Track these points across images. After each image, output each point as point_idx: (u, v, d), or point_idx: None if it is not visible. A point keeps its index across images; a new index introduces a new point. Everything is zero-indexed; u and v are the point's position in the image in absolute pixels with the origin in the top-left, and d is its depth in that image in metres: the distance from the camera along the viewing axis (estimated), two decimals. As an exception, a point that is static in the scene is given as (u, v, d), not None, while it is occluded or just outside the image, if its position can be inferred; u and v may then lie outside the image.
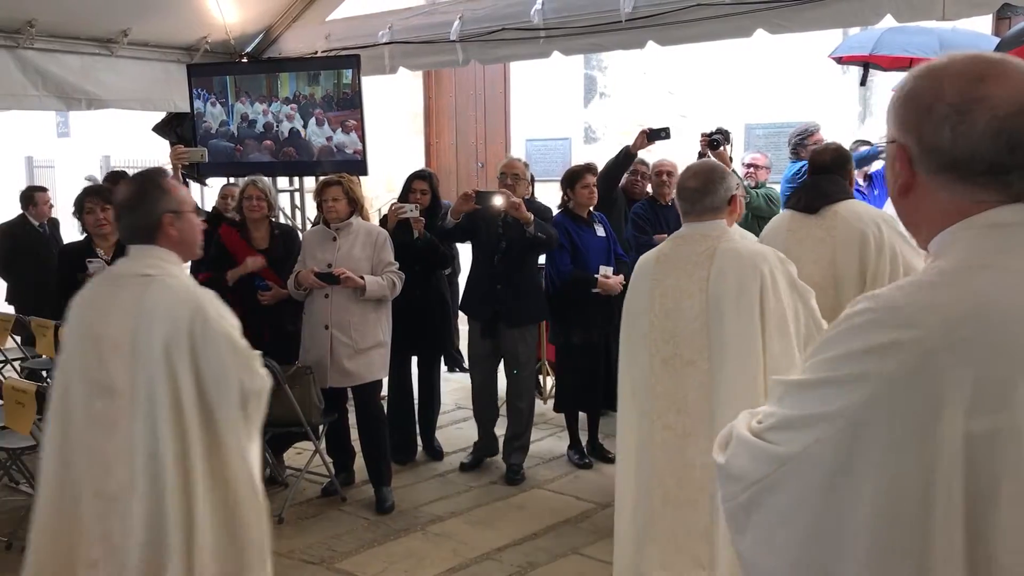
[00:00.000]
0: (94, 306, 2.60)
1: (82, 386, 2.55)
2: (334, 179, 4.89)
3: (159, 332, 2.46)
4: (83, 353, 2.56)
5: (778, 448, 1.14)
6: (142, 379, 2.46)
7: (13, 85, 6.39)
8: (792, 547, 1.13)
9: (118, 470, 2.48)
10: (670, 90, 10.68)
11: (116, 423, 2.49)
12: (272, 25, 7.42)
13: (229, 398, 2.51)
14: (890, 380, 1.04)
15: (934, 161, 1.13)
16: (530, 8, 5.83)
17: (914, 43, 6.07)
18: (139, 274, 2.55)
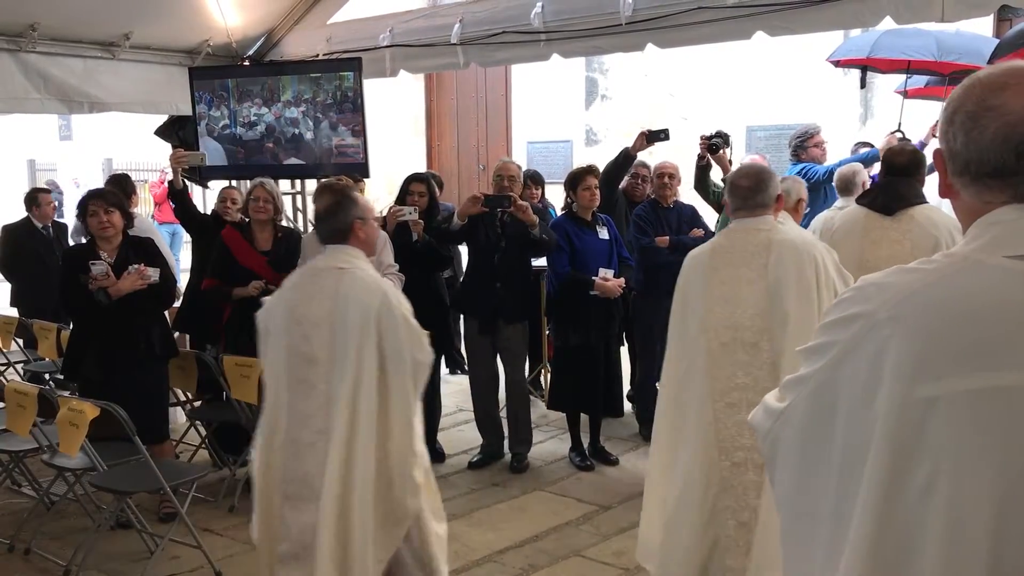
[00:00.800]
0: (297, 292, 3.19)
1: (288, 357, 3.14)
2: (333, 181, 4.91)
3: (353, 314, 3.06)
4: (289, 331, 3.15)
5: (777, 404, 1.32)
6: (339, 351, 3.05)
7: (15, 88, 6.41)
8: (789, 492, 1.29)
9: (314, 422, 3.06)
10: (671, 92, 10.70)
11: (315, 386, 3.08)
12: (274, 28, 7.44)
13: (403, 368, 3.09)
14: (844, 348, 1.19)
15: (953, 164, 1.23)
16: (530, 11, 5.84)
17: (912, 46, 6.08)
18: (335, 267, 3.14)
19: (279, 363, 3.18)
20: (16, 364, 6.44)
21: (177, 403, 5.57)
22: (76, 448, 3.88)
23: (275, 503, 3.17)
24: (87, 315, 4.58)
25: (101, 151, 18.65)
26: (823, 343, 1.23)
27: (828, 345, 1.21)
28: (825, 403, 1.21)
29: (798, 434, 1.26)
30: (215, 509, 4.90)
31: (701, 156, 6.03)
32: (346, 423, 3.03)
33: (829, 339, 1.22)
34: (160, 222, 12.02)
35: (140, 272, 4.50)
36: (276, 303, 3.22)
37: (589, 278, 5.21)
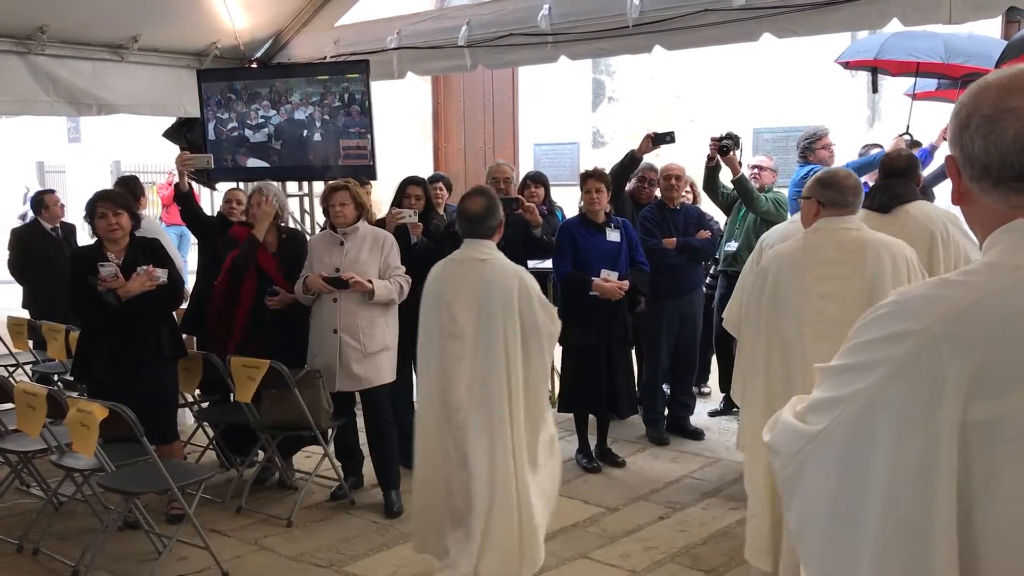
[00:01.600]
0: (444, 280, 3.75)
1: (438, 334, 3.71)
2: (341, 184, 4.91)
3: (497, 296, 3.61)
4: (439, 312, 3.71)
5: (808, 427, 1.26)
6: (484, 328, 3.61)
7: (25, 91, 6.44)
8: (819, 520, 1.23)
9: (460, 388, 3.64)
10: (678, 94, 10.69)
11: (462, 358, 3.65)
12: (281, 31, 7.46)
13: (540, 339, 3.66)
14: (898, 366, 1.13)
15: (972, 169, 1.21)
16: (537, 13, 5.85)
17: (919, 48, 6.06)
18: (476, 258, 3.70)
19: (432, 341, 3.75)
20: (25, 365, 6.47)
21: (186, 404, 5.59)
22: (91, 448, 3.89)
23: (436, 463, 3.73)
24: (96, 316, 4.59)
25: (109, 153, 18.71)
26: (865, 361, 1.18)
27: (873, 363, 1.16)
28: (873, 423, 1.15)
29: (839, 455, 1.19)
30: (222, 510, 4.92)
31: (711, 157, 6.02)
32: (497, 388, 3.58)
33: (874, 357, 1.16)
34: (168, 224, 12.06)
35: (149, 273, 4.51)
36: (428, 289, 3.80)
37: (588, 278, 5.21)
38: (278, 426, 4.89)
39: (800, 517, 1.28)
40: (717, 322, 6.50)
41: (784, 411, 1.36)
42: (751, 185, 6.02)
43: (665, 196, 6.02)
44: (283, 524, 4.72)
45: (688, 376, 6.27)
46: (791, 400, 1.39)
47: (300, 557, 4.35)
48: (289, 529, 4.67)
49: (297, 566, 4.27)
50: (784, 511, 1.34)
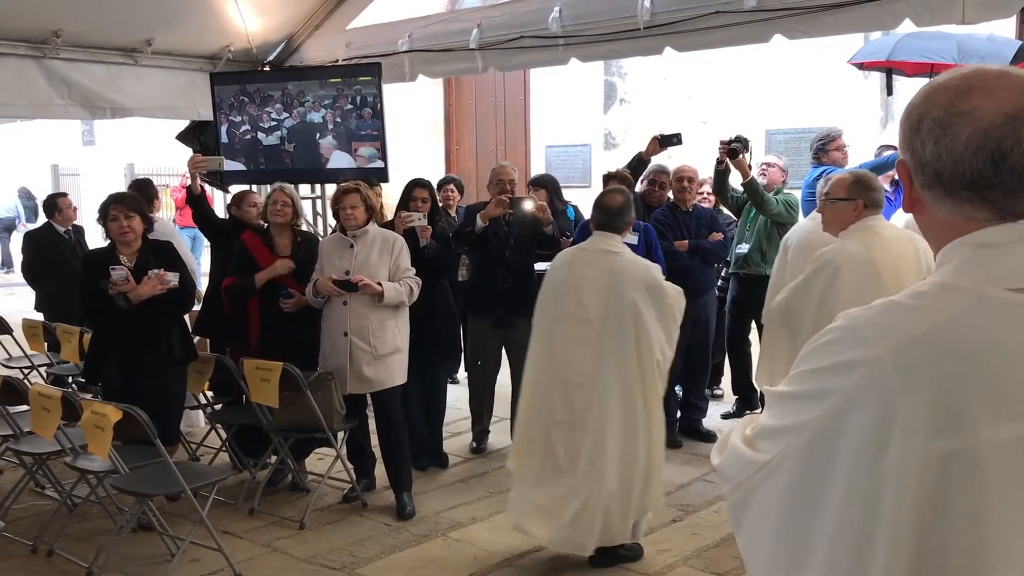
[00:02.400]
0: (574, 267, 4.07)
1: (563, 317, 4.02)
2: (351, 187, 4.92)
3: (627, 284, 3.92)
4: (566, 296, 4.03)
5: (757, 454, 1.20)
6: (612, 313, 3.92)
7: (39, 94, 6.49)
8: (766, 547, 1.18)
9: (584, 365, 3.95)
10: (690, 96, 10.67)
11: (587, 339, 3.95)
12: (294, 34, 7.48)
13: (668, 323, 3.98)
14: (847, 397, 1.07)
15: (923, 176, 1.14)
16: (548, 15, 5.84)
17: (932, 48, 6.03)
18: (607, 250, 4.01)
19: (552, 321, 4.08)
20: (40, 367, 6.51)
21: (197, 406, 5.61)
22: (105, 450, 3.92)
23: (539, 428, 4.08)
24: (107, 319, 4.62)
25: (123, 156, 18.80)
26: (815, 390, 1.12)
27: (823, 392, 1.10)
28: (822, 455, 1.10)
29: (787, 486, 1.14)
30: (235, 512, 4.93)
31: (720, 160, 6.01)
32: (623, 368, 3.92)
33: (822, 386, 1.11)
34: (181, 226, 12.10)
35: (160, 277, 4.53)
36: (554, 275, 4.13)
37: None
38: (291, 428, 4.91)
39: (749, 545, 1.23)
40: (729, 324, 6.50)
41: (733, 434, 1.30)
42: (761, 188, 6.01)
43: (677, 198, 6.01)
44: (296, 526, 4.73)
45: (701, 379, 6.26)
46: (741, 421, 1.35)
47: (312, 559, 4.36)
48: (302, 531, 4.68)
49: (310, 568, 4.28)
50: (735, 533, 1.30)
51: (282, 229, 5.15)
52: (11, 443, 4.72)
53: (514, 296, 5.53)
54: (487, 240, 5.53)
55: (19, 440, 4.66)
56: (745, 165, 5.92)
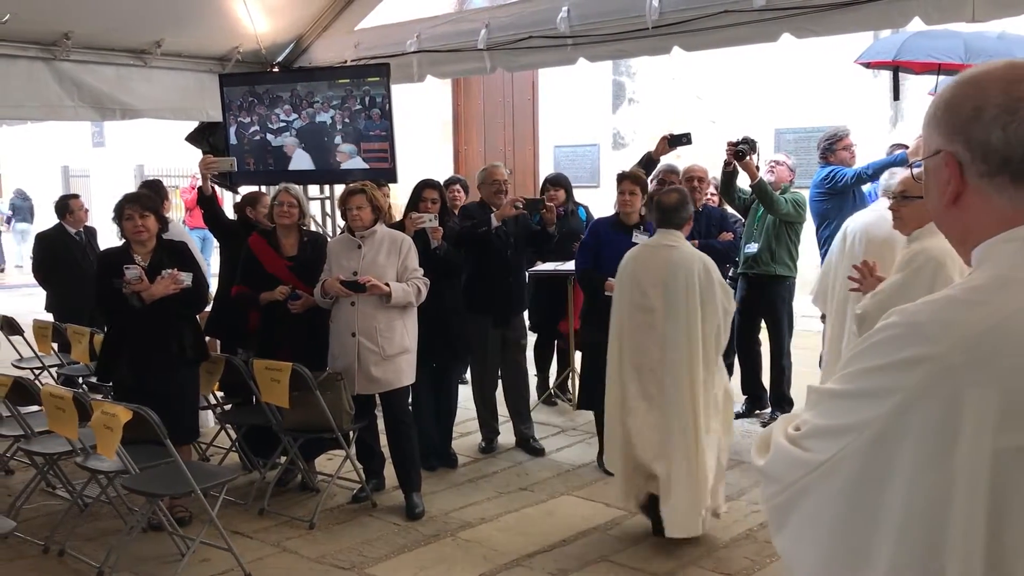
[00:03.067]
0: (638, 262, 4.42)
1: (630, 307, 4.41)
2: (358, 187, 4.93)
3: (682, 276, 4.25)
4: (631, 289, 4.39)
5: (809, 454, 1.18)
6: (671, 303, 4.27)
7: (50, 96, 6.52)
8: (820, 550, 1.16)
9: (652, 353, 4.33)
10: (699, 95, 10.66)
11: (653, 327, 4.32)
12: (302, 35, 7.50)
13: (716, 315, 4.29)
14: (912, 395, 1.06)
15: (986, 163, 1.14)
16: (556, 15, 5.84)
17: (939, 47, 6.00)
18: (666, 245, 4.35)
19: (623, 312, 4.43)
20: (50, 368, 6.54)
21: (207, 406, 5.63)
22: (113, 450, 3.93)
23: (620, 415, 4.44)
24: (120, 318, 4.64)
25: (133, 157, 18.87)
26: (875, 387, 1.10)
27: (884, 390, 1.09)
28: (886, 454, 1.08)
29: (846, 486, 1.12)
30: (245, 512, 4.95)
31: (728, 162, 6.00)
32: (683, 352, 4.25)
33: (884, 384, 1.09)
34: (191, 227, 12.14)
35: (173, 276, 4.55)
36: (623, 268, 4.47)
37: (603, 276, 5.20)
38: (300, 428, 4.92)
39: (795, 546, 1.22)
40: (739, 324, 6.48)
41: (775, 433, 1.29)
42: (770, 188, 6.00)
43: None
44: (305, 526, 4.74)
45: (710, 378, 6.25)
46: (779, 420, 1.34)
47: (322, 559, 4.37)
48: (311, 531, 4.69)
49: (319, 568, 4.29)
50: (772, 534, 1.29)
51: (288, 230, 5.16)
52: (23, 443, 4.75)
53: (514, 294, 5.76)
54: (489, 240, 5.56)
55: (30, 440, 4.68)
56: (753, 167, 5.90)
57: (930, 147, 1.21)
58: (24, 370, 6.26)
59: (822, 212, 6.15)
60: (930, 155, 1.21)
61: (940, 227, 1.26)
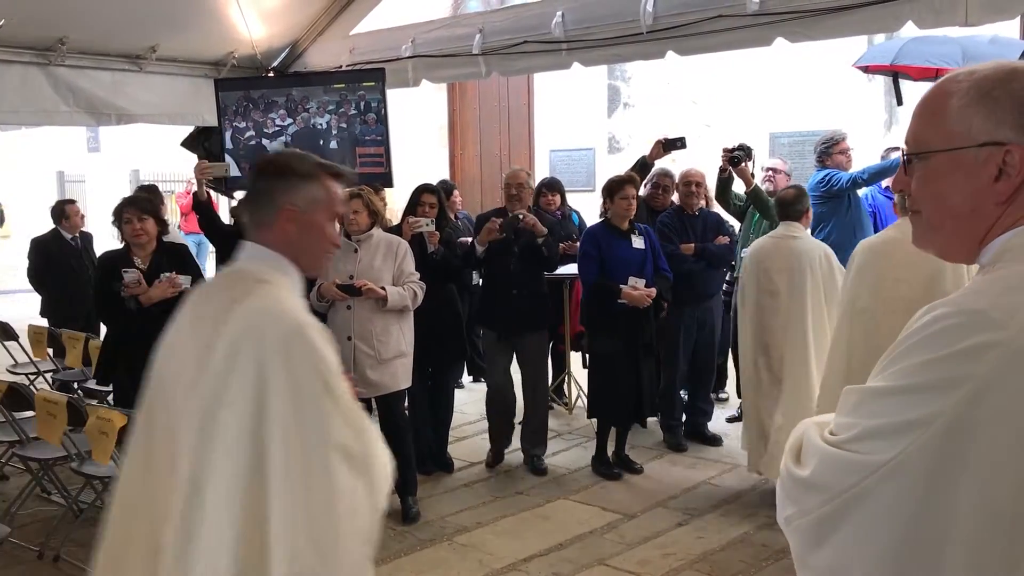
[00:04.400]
0: (763, 251, 4.97)
1: (757, 292, 4.95)
2: (354, 191, 4.93)
3: (805, 263, 4.78)
4: (758, 275, 4.94)
5: (866, 457, 1.12)
6: (795, 287, 4.80)
7: (45, 101, 6.51)
8: (887, 554, 1.11)
9: (776, 332, 4.89)
10: (694, 100, 10.67)
11: (778, 310, 4.87)
12: (298, 40, 7.50)
13: (835, 295, 4.58)
14: (984, 382, 1.04)
15: None
16: (551, 20, 5.85)
17: (936, 53, 6.02)
18: (789, 236, 4.89)
19: (749, 298, 5.01)
20: (45, 373, 6.53)
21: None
22: (108, 456, 3.92)
23: (752, 391, 5.01)
24: (119, 322, 4.64)
25: (129, 162, 18.85)
26: (939, 379, 1.07)
27: (950, 381, 1.06)
28: (959, 445, 1.04)
29: (917, 485, 1.07)
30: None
31: (723, 169, 6.02)
32: (803, 330, 4.77)
33: (949, 374, 1.06)
34: (186, 232, 12.13)
35: (171, 280, 4.55)
36: (749, 258, 5.04)
37: (617, 286, 5.20)
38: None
39: (849, 557, 1.14)
40: (734, 328, 6.49)
41: (811, 437, 1.23)
42: (765, 195, 6.00)
43: (683, 202, 6.01)
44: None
45: (706, 382, 6.25)
46: (808, 426, 1.28)
47: (318, 564, 4.36)
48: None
49: (315, 573, 4.28)
50: (804, 552, 1.21)
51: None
52: (17, 449, 4.74)
53: (522, 309, 5.46)
54: (491, 255, 5.45)
55: (25, 446, 4.67)
56: (748, 173, 5.92)
57: (969, 137, 1.17)
58: (19, 375, 6.24)
59: (818, 215, 6.14)
60: (963, 147, 1.18)
61: (959, 223, 1.22)
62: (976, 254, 1.21)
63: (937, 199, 1.23)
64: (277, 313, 1.92)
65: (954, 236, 1.24)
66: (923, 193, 1.25)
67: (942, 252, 1.29)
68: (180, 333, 2.14)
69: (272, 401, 1.83)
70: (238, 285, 2.01)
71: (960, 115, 1.18)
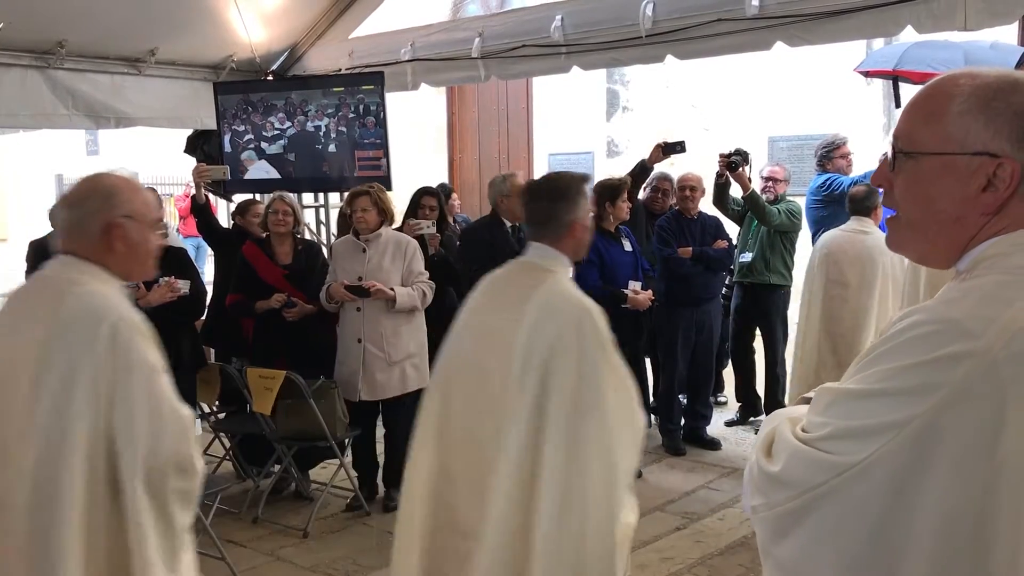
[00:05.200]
0: (835, 244, 5.20)
1: (825, 282, 5.21)
2: (363, 189, 4.93)
3: (876, 256, 5.04)
4: (828, 267, 5.18)
5: (836, 457, 1.14)
6: (866, 279, 5.06)
7: (44, 104, 6.50)
8: (849, 551, 1.13)
9: (845, 321, 5.12)
10: (693, 103, 10.69)
11: (847, 300, 5.12)
12: (297, 43, 7.50)
13: (899, 288, 4.80)
14: (957, 390, 1.05)
15: None
16: (550, 24, 5.85)
17: (938, 58, 6.02)
18: (861, 231, 5.15)
19: (817, 289, 5.25)
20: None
21: (201, 415, 5.61)
22: None
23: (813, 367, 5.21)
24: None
25: (127, 166, 18.85)
26: (914, 385, 1.09)
27: (925, 387, 1.07)
28: (927, 450, 1.07)
29: (883, 487, 1.10)
30: (239, 521, 4.93)
31: (720, 174, 6.02)
32: (872, 321, 5.01)
33: (925, 380, 1.08)
34: (185, 235, 12.14)
35: (170, 284, 4.55)
36: (817, 251, 5.31)
37: (622, 292, 5.19)
38: (294, 436, 4.91)
39: (809, 553, 1.18)
40: (734, 332, 6.50)
41: (783, 434, 1.25)
42: (762, 200, 6.01)
43: (681, 206, 6.01)
44: (299, 535, 4.73)
45: (705, 386, 6.25)
46: (780, 421, 1.30)
47: (316, 568, 4.36)
48: (305, 540, 4.68)
49: (313, 577, 4.28)
50: (767, 542, 1.25)
51: (283, 238, 5.16)
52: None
53: None
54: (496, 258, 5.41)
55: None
56: (745, 178, 5.92)
57: (964, 144, 1.17)
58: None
59: (818, 219, 6.16)
60: (956, 152, 1.17)
61: (942, 228, 1.21)
62: (955, 261, 1.21)
63: (923, 202, 1.22)
64: (567, 297, 2.64)
65: (935, 241, 1.23)
66: (909, 194, 1.24)
67: (921, 257, 1.29)
68: (480, 314, 2.74)
69: (561, 363, 2.48)
70: (532, 274, 2.69)
71: (959, 120, 1.17)
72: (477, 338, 2.70)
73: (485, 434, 2.56)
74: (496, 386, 2.53)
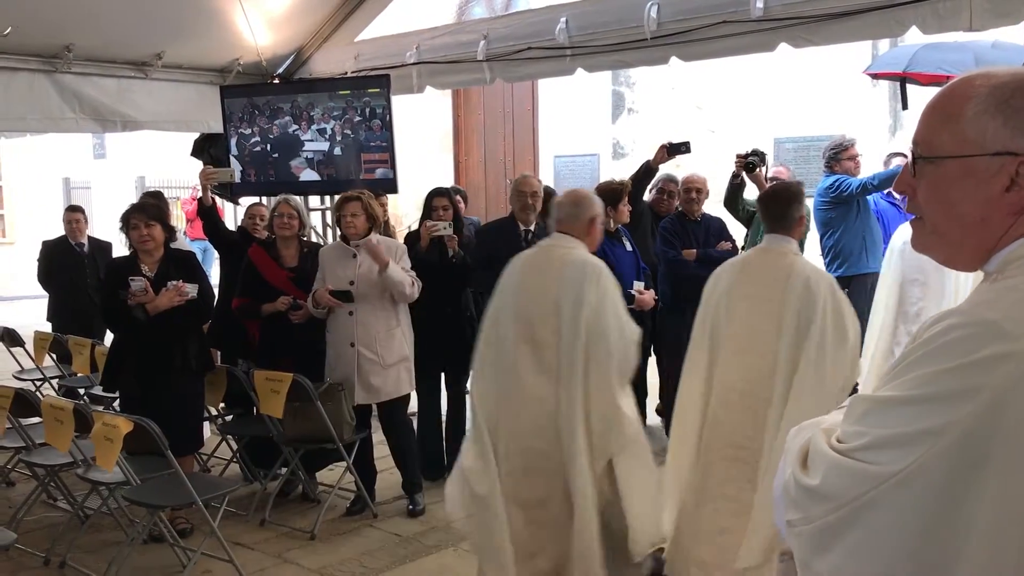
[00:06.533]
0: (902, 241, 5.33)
1: (902, 276, 5.28)
2: (353, 195, 4.94)
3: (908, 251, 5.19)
4: (904, 263, 5.24)
5: (876, 467, 1.11)
6: (944, 278, 5.02)
7: (51, 108, 6.54)
8: (896, 562, 1.10)
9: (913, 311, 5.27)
10: (698, 105, 10.68)
11: (923, 297, 5.19)
12: (303, 46, 7.52)
13: None
14: (1000, 392, 1.03)
15: None
16: (555, 26, 5.86)
17: (948, 60, 6.01)
18: None
19: (895, 279, 5.34)
20: (52, 379, 6.54)
21: (209, 418, 5.63)
22: (112, 462, 3.93)
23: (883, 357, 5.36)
24: (125, 329, 4.66)
25: (134, 169, 18.89)
26: (953, 389, 1.06)
27: (965, 391, 1.05)
28: (974, 455, 1.04)
29: (929, 495, 1.06)
30: (246, 523, 4.94)
31: (736, 174, 6.00)
32: None
33: (964, 384, 1.05)
34: (192, 238, 12.16)
35: (178, 288, 4.56)
36: (895, 246, 5.40)
37: (630, 293, 5.19)
38: (301, 439, 4.92)
39: (852, 566, 1.14)
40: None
41: (819, 444, 1.21)
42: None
43: (685, 208, 6.00)
44: (306, 537, 4.74)
45: (710, 387, 6.23)
46: (811, 430, 1.28)
47: (323, 570, 4.37)
48: (312, 542, 4.69)
49: (320, 579, 4.29)
50: (807, 556, 1.21)
51: (288, 241, 5.17)
52: (24, 455, 4.75)
53: None
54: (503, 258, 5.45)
55: (31, 452, 4.69)
56: (762, 179, 5.90)
57: (983, 145, 1.16)
58: (25, 381, 6.26)
59: (826, 221, 6.16)
60: (976, 154, 1.16)
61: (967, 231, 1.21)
62: (982, 263, 1.20)
63: (946, 206, 1.21)
64: (820, 274, 3.62)
65: (961, 245, 1.22)
66: (931, 198, 1.22)
67: (947, 259, 1.27)
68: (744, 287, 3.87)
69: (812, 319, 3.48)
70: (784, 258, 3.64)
71: (976, 121, 1.16)
72: (750, 305, 3.68)
73: (758, 372, 3.56)
74: (769, 337, 3.53)
